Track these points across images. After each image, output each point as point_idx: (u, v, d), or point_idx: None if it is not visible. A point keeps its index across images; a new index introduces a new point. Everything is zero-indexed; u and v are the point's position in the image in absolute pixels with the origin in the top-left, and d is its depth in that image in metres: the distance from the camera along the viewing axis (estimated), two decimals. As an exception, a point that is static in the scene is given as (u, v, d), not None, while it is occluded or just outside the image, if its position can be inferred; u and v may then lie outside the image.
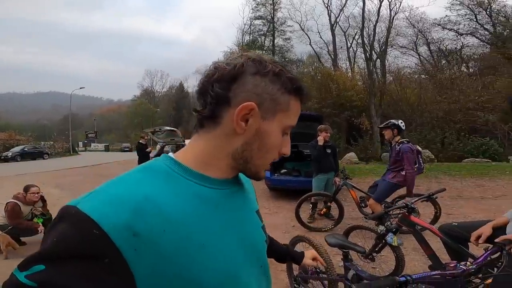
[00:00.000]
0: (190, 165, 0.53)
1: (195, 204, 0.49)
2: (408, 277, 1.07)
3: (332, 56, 24.97)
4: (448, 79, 17.93)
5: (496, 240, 1.44)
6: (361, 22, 22.65)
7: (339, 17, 24.24)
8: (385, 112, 18.87)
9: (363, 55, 23.09)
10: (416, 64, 23.81)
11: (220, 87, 0.51)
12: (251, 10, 25.82)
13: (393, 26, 22.46)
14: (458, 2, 22.44)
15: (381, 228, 2.48)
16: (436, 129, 14.92)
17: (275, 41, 25.94)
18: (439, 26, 23.58)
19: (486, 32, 22.44)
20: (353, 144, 16.91)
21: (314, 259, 1.13)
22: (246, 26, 25.50)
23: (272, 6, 25.45)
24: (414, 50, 24.65)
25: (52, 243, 0.39)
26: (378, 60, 22.82)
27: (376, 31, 22.42)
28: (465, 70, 21.34)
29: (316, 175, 4.75)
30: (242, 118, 0.51)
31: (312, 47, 25.89)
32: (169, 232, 0.44)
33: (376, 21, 22.49)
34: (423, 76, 20.85)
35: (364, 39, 22.34)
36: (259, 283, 0.59)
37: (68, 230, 0.40)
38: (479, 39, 22.62)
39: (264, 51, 23.85)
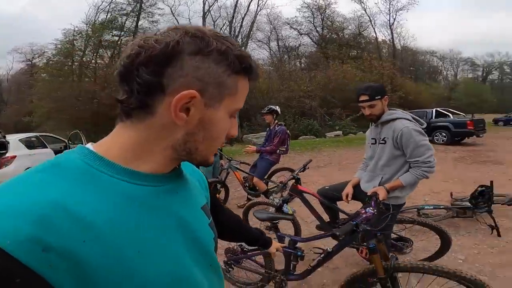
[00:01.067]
0: (115, 160, 0.44)
1: (123, 206, 0.42)
2: (354, 222, 1.53)
3: None
4: (288, 71, 22.38)
5: (368, 194, 1.94)
6: (231, 14, 24.38)
7: (213, 6, 25.18)
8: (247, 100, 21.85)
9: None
10: (267, 57, 28.22)
11: (150, 72, 0.41)
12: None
13: (256, 21, 25.46)
14: (306, 5, 27.67)
15: (277, 200, 2.73)
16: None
17: (140, 22, 24.47)
18: (288, 25, 28.56)
19: (317, 34, 28.69)
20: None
21: (277, 249, 1.31)
22: (104, 2, 22.73)
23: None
24: (267, 44, 29.05)
25: None
26: (241, 51, 25.59)
27: (243, 24, 24.82)
28: (299, 65, 27.08)
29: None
30: (181, 108, 0.43)
31: (179, 33, 25.98)
32: (91, 242, 0.37)
33: (245, 15, 24.79)
34: (271, 68, 24.94)
35: (232, 30, 24.31)
36: (211, 283, 0.54)
37: None
38: (311, 39, 28.75)
39: (123, 33, 22.20)
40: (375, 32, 30.55)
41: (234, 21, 24.62)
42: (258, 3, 25.23)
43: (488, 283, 1.46)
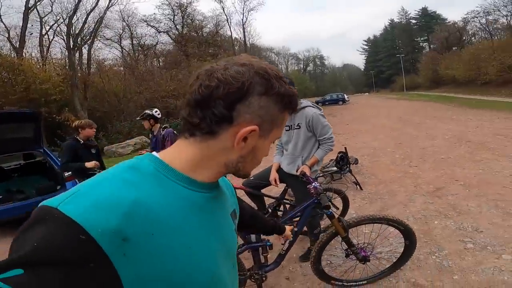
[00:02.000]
0: (178, 168, 0.51)
1: (181, 207, 0.48)
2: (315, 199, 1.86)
3: (18, 43, 19.68)
4: (147, 72, 20.29)
5: (297, 173, 2.19)
6: (72, 9, 19.57)
7: (42, 0, 19.45)
8: (91, 104, 18.13)
9: (59, 44, 20.35)
10: (119, 56, 24.72)
11: (225, 106, 0.48)
12: None
13: (105, 17, 21.50)
14: (167, 3, 25.53)
15: None
16: (143, 117, 16.77)
17: None
18: (145, 23, 25.81)
19: (176, 32, 27.52)
20: (61, 145, 14.83)
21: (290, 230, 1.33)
22: None
23: None
24: (118, 43, 25.41)
25: (32, 247, 0.36)
26: (81, 50, 21.09)
27: (87, 20, 20.43)
28: (157, 64, 25.23)
29: None
30: (244, 139, 0.51)
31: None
32: (158, 235, 0.43)
33: (91, 10, 20.48)
34: (122, 68, 22.04)
35: (71, 27, 19.58)
36: (233, 282, 0.61)
37: (51, 234, 0.37)
38: (170, 37, 27.37)
39: None
40: (230, 30, 32.57)
41: (75, 17, 20.09)
42: (109, -2, 21.64)
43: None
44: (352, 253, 1.93)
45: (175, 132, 4.07)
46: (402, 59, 52.09)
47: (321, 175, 4.29)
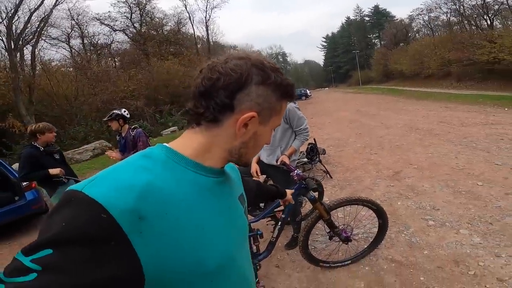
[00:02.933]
0: (186, 155, 0.55)
1: (192, 190, 0.51)
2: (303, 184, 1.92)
3: None
4: (102, 72, 19.01)
5: (278, 164, 2.29)
6: (12, 8, 17.38)
7: None
8: (38, 108, 16.57)
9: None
10: (67, 57, 22.78)
11: (226, 96, 0.53)
12: None
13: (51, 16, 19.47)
14: (124, 0, 23.80)
15: None
16: (100, 119, 15.60)
17: None
18: (98, 21, 23.96)
19: (134, 30, 26.03)
20: (7, 154, 13.37)
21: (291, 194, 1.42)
22: None
23: None
24: (67, 42, 23.36)
25: (60, 227, 0.39)
26: (23, 51, 19.03)
27: (30, 20, 18.30)
28: (113, 64, 23.76)
29: (55, 191, 3.25)
30: (243, 124, 0.55)
31: None
32: (171, 215, 0.46)
33: (35, 9, 18.37)
34: (71, 69, 20.40)
35: (12, 27, 17.47)
36: (247, 263, 0.65)
37: (76, 214, 0.40)
38: (127, 36, 25.83)
39: None
40: (193, 28, 31.68)
41: (16, 17, 17.96)
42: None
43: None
44: (335, 234, 2.07)
45: (145, 133, 3.94)
46: (357, 55, 55.36)
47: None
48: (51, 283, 0.36)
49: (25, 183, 4.15)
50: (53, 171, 3.10)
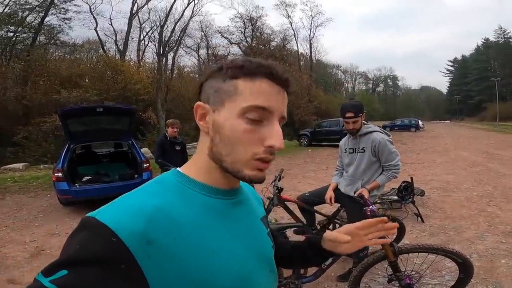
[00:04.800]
0: (193, 177, 0.55)
1: (202, 214, 0.51)
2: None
3: (122, 46, 23.68)
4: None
5: (355, 195, 2.24)
6: (163, 18, 22.72)
7: (142, 7, 23.30)
8: (168, 106, 20.35)
9: (152, 49, 23.61)
10: (196, 64, 27.36)
11: (198, 97, 0.56)
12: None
13: (188, 27, 24.27)
14: (239, 15, 27.86)
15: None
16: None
17: (47, 19, 20.52)
18: (220, 34, 28.36)
19: (246, 44, 29.34)
20: (141, 139, 17.08)
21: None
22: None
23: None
24: (197, 51, 28.28)
25: (74, 249, 0.42)
26: (167, 57, 24.09)
27: (175, 29, 23.26)
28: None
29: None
30: (200, 117, 0.54)
31: (97, 33, 23.30)
32: (180, 240, 0.47)
33: (178, 20, 23.24)
34: (196, 76, 24.21)
35: (162, 34, 22.68)
36: (272, 286, 0.63)
37: (88, 237, 0.43)
38: (240, 49, 29.23)
39: (21, 28, 18.40)
40: (297, 45, 33.05)
41: (165, 26, 23.22)
42: (193, 9, 24.30)
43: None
44: (396, 278, 1.89)
45: None
46: (497, 83, 45.19)
47: (378, 201, 4.13)
48: None
49: (145, 165, 5.31)
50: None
